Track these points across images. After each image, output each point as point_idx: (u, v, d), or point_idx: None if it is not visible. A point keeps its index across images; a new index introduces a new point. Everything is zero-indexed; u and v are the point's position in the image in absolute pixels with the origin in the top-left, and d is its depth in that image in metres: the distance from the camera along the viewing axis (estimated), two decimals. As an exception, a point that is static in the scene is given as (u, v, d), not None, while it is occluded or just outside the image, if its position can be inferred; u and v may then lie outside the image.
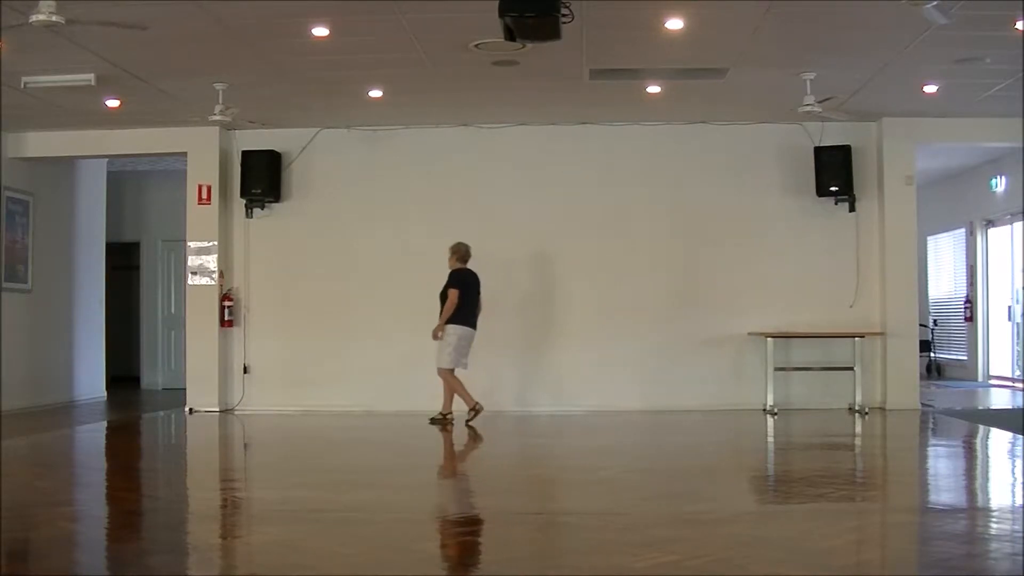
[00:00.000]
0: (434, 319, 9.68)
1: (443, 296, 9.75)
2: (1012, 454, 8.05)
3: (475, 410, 9.66)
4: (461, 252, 9.94)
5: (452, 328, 9.66)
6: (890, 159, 10.82)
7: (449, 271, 9.86)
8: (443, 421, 9.71)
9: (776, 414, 10.32)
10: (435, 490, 6.42)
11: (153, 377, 14.58)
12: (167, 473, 7.83)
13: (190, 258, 11.25)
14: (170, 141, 11.14)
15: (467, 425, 9.58)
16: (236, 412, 11.14)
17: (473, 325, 9.80)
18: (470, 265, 9.96)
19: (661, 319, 11.08)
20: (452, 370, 9.75)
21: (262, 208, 11.30)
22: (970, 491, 6.46)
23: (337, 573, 4.23)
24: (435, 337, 9.68)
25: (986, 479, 7.06)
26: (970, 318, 14.16)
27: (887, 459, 8.36)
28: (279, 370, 11.22)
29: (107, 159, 12.80)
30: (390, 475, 7.07)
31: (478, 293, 9.89)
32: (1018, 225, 13.07)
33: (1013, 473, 7.33)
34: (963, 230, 14.50)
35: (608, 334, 11.08)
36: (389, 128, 11.21)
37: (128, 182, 14.21)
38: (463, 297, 9.67)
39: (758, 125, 11.00)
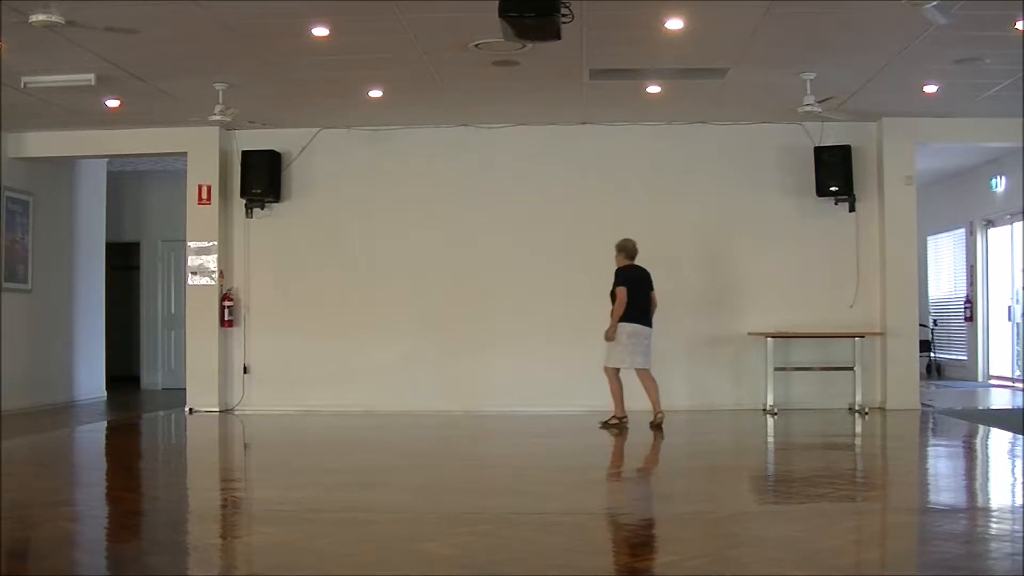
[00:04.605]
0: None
1: (613, 295, 9.48)
2: (1012, 454, 8.05)
3: (619, 422, 9.42)
4: (628, 249, 9.63)
5: (621, 326, 9.38)
6: (890, 159, 10.82)
7: (615, 269, 9.57)
8: (618, 425, 9.44)
9: (776, 414, 10.31)
10: (435, 490, 6.41)
11: (153, 377, 14.58)
12: (167, 473, 7.83)
13: (190, 258, 11.25)
14: (170, 141, 11.13)
15: (604, 426, 9.38)
16: (236, 412, 11.14)
17: (645, 322, 9.48)
18: (639, 260, 9.66)
19: (661, 319, 11.04)
20: (617, 370, 9.52)
21: (262, 208, 11.30)
22: (970, 491, 6.46)
23: (337, 573, 4.23)
24: (607, 338, 9.40)
25: (986, 479, 7.06)
26: (970, 318, 14.16)
27: (887, 459, 8.36)
28: (279, 370, 11.21)
29: (107, 159, 12.80)
30: (390, 475, 7.08)
31: (650, 289, 9.58)
32: (1018, 225, 13.08)
33: (1013, 473, 7.33)
34: (963, 230, 14.50)
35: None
36: (389, 128, 11.21)
37: (128, 182, 14.21)
38: (631, 294, 9.39)
39: (758, 125, 11.00)
